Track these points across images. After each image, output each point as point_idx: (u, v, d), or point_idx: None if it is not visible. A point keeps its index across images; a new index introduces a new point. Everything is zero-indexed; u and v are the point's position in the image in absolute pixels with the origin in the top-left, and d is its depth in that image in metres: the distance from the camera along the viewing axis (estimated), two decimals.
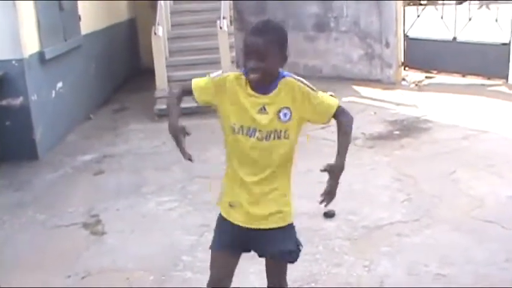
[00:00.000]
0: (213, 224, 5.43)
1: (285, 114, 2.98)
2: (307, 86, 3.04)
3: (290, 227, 3.18)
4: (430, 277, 4.42)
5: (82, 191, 6.73)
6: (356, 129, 8.32)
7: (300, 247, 3.22)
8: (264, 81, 2.93)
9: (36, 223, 5.90)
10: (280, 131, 2.98)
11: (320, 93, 3.07)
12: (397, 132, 8.26)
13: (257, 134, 2.96)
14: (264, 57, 2.84)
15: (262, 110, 2.95)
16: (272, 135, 2.97)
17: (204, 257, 4.84)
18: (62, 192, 6.71)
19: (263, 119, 2.95)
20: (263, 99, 2.96)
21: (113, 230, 5.60)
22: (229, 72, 3.04)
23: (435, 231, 5.17)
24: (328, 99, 3.10)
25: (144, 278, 4.65)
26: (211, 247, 3.27)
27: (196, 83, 3.13)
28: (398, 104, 9.98)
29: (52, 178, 7.19)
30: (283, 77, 3.00)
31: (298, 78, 3.05)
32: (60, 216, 5.99)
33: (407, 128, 8.45)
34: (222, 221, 3.23)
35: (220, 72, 3.09)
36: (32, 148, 7.74)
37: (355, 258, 4.72)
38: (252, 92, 2.96)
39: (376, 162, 7.05)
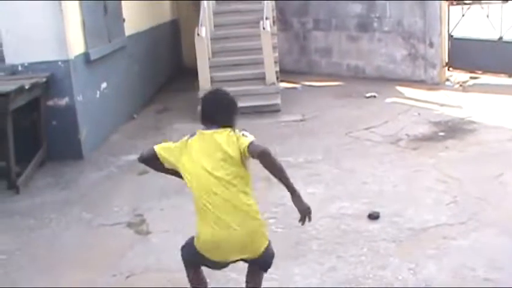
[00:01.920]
0: None
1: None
2: None
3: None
4: (477, 281, 4.34)
5: (126, 191, 6.79)
6: (400, 131, 8.31)
7: None
8: None
9: (82, 222, 5.98)
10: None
11: None
12: (441, 134, 8.15)
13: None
14: None
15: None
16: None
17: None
18: (106, 192, 6.79)
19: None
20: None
21: (157, 230, 5.64)
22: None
23: (482, 234, 5.08)
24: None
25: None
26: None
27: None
28: (442, 105, 9.85)
29: (97, 177, 7.28)
30: None
31: None
32: (105, 215, 6.06)
33: (452, 129, 8.33)
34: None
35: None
36: (77, 147, 7.86)
37: (401, 261, 4.67)
38: None
39: (421, 163, 6.96)
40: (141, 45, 11.41)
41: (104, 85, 8.97)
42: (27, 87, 6.97)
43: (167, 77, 13.72)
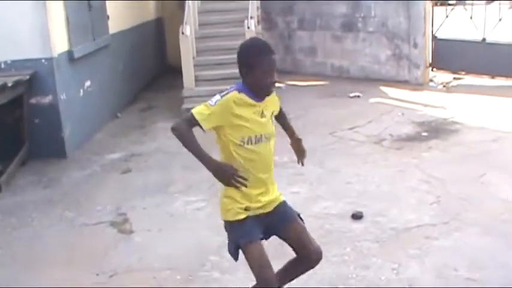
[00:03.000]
0: None
1: (272, 117, 3.56)
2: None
3: (285, 203, 3.64)
4: (460, 281, 4.36)
5: (110, 190, 6.77)
6: (383, 131, 8.34)
7: None
8: None
9: (65, 221, 5.95)
10: (272, 133, 3.49)
11: None
12: (425, 134, 8.19)
13: (263, 138, 3.40)
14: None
15: (261, 115, 3.40)
16: (270, 136, 3.46)
17: (231, 257, 4.85)
18: (89, 191, 6.76)
19: (265, 123, 3.42)
20: (261, 105, 3.41)
21: (140, 229, 5.62)
22: (230, 93, 3.37)
23: (465, 234, 5.11)
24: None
25: (172, 278, 4.66)
26: (242, 245, 3.41)
27: (199, 113, 3.34)
28: (426, 105, 9.89)
29: (80, 176, 7.25)
30: None
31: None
32: (88, 215, 6.03)
33: (435, 130, 8.37)
34: (240, 221, 3.45)
35: (218, 96, 3.37)
36: (60, 146, 7.82)
37: (383, 261, 4.69)
38: (254, 102, 3.37)
39: (404, 164, 6.98)
40: (125, 43, 11.37)
41: (87, 83, 8.93)
42: (9, 84, 6.92)
43: (151, 75, 13.69)
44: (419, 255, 4.77)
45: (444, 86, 11.36)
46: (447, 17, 11.79)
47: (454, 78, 11.74)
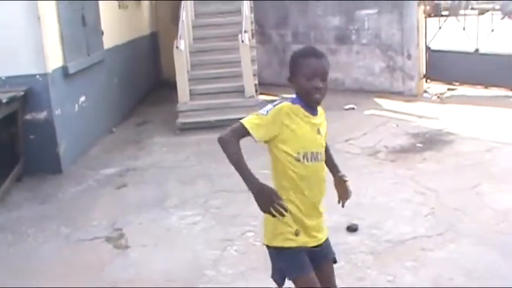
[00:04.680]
0: (236, 239, 5.49)
1: (325, 136, 3.30)
2: None
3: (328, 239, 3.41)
4: None
5: (105, 205, 6.77)
6: (378, 142, 8.36)
7: None
8: (321, 102, 3.18)
9: (60, 236, 5.94)
10: (323, 152, 3.27)
11: None
12: (419, 145, 8.22)
13: (319, 156, 3.19)
14: (326, 77, 3.12)
15: (318, 132, 3.20)
16: (323, 156, 3.25)
17: (227, 272, 4.87)
18: (85, 206, 6.75)
19: (320, 141, 3.21)
20: (315, 120, 3.19)
21: (136, 244, 5.61)
22: (282, 103, 3.12)
23: (460, 245, 5.12)
24: None
25: None
26: (303, 274, 3.19)
27: (250, 122, 3.07)
28: (420, 117, 9.92)
29: (75, 191, 7.24)
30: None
31: None
32: (83, 230, 6.02)
33: (429, 141, 8.40)
34: (291, 250, 3.19)
35: (270, 106, 3.10)
36: (55, 162, 7.81)
37: (379, 273, 4.69)
38: (309, 115, 3.15)
39: (399, 175, 7.00)
40: (120, 59, 11.40)
41: (82, 99, 8.94)
42: (4, 101, 6.92)
43: (146, 90, 13.72)
44: (414, 267, 4.78)
45: (438, 97, 11.41)
46: (440, 28, 11.85)
47: (448, 89, 11.81)
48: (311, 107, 3.15)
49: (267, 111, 3.07)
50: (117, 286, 4.81)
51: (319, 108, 3.23)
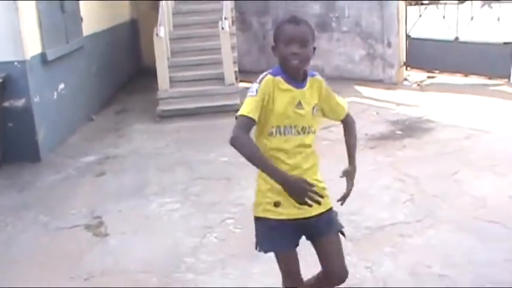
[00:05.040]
0: (216, 226, 5.49)
1: (315, 110, 3.18)
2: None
3: (332, 211, 3.33)
4: (433, 278, 4.41)
5: (84, 193, 6.73)
6: (358, 130, 8.28)
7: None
8: (302, 69, 3.11)
9: (39, 225, 5.90)
10: (310, 126, 3.16)
11: (336, 95, 3.33)
12: (399, 133, 8.26)
13: (293, 130, 3.10)
14: (305, 43, 3.05)
15: (299, 105, 3.10)
16: (306, 130, 3.14)
17: (206, 259, 4.87)
18: (64, 194, 6.71)
19: (300, 115, 3.10)
20: (298, 93, 3.10)
21: (115, 232, 5.60)
22: (265, 77, 3.07)
23: (438, 231, 5.16)
24: (342, 101, 3.38)
25: (147, 280, 4.64)
26: (272, 250, 3.24)
27: (249, 110, 3.00)
28: (400, 104, 9.97)
29: (54, 180, 7.19)
30: (313, 75, 3.21)
31: (322, 77, 3.26)
32: (62, 218, 5.99)
33: (409, 128, 8.44)
34: (267, 223, 3.18)
35: (256, 85, 3.05)
36: (34, 149, 7.75)
37: (358, 259, 4.71)
38: (289, 87, 3.08)
39: (378, 162, 7.04)
40: (99, 46, 11.31)
41: (61, 86, 8.87)
42: None
43: (126, 77, 13.63)
44: (393, 253, 4.81)
45: (418, 85, 11.47)
46: (420, 16, 11.92)
47: (428, 77, 11.88)
48: (294, 79, 3.09)
49: (256, 90, 3.03)
50: (95, 275, 4.80)
51: (314, 80, 3.18)
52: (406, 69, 12.11)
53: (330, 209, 3.30)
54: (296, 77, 3.11)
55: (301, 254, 3.32)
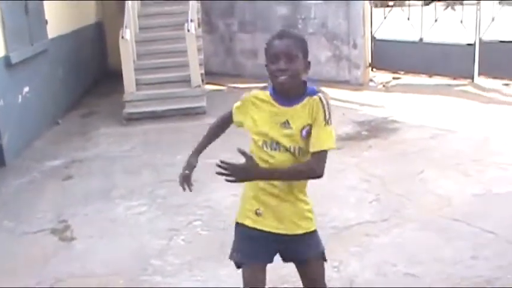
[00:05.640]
0: (182, 228, 5.49)
1: (306, 131, 2.91)
2: (328, 112, 2.93)
3: (315, 234, 3.23)
4: (399, 276, 4.45)
5: (50, 197, 6.67)
6: None
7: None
8: (290, 86, 2.91)
9: (4, 230, 5.83)
10: (300, 148, 2.93)
11: (330, 127, 2.94)
12: (365, 133, 8.33)
13: (281, 148, 2.94)
14: (292, 58, 2.88)
15: (286, 124, 2.92)
16: (296, 151, 2.93)
17: (173, 261, 4.87)
18: (29, 198, 6.64)
19: (285, 135, 2.92)
20: (285, 111, 2.93)
21: (81, 236, 5.55)
22: (255, 90, 3.06)
23: (403, 230, 5.21)
24: (331, 138, 2.94)
25: (114, 283, 4.62)
26: (240, 260, 3.14)
27: (234, 107, 3.16)
28: (366, 105, 10.06)
29: (19, 184, 7.11)
30: (314, 93, 2.97)
31: (324, 101, 2.95)
32: (28, 223, 5.92)
33: (375, 129, 8.52)
34: (244, 230, 3.12)
35: (252, 92, 3.08)
36: None
37: None
38: (275, 104, 2.96)
39: (344, 163, 7.07)
40: (64, 48, 11.21)
41: (26, 89, 8.77)
42: None
43: (92, 80, 13.53)
44: (359, 253, 4.85)
45: (384, 86, 11.57)
46: (385, 18, 12.02)
47: (393, 78, 11.99)
48: (282, 96, 2.95)
49: (244, 96, 3.09)
50: (62, 279, 4.76)
51: (311, 99, 2.94)
52: (372, 70, 12.21)
53: (314, 232, 3.19)
54: (286, 94, 2.95)
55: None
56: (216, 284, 4.48)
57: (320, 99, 2.94)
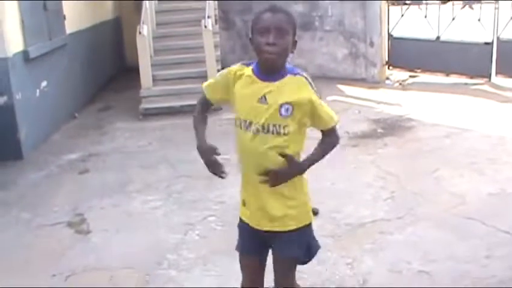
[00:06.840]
0: (197, 223, 5.53)
1: (286, 109, 2.84)
2: (315, 91, 2.92)
3: (300, 231, 3.07)
4: (412, 274, 4.46)
5: (67, 190, 6.72)
6: (340, 128, 8.28)
7: (313, 250, 3.21)
8: (277, 62, 2.83)
9: (21, 222, 5.89)
10: (279, 126, 2.85)
11: (323, 103, 2.98)
12: (380, 131, 8.32)
13: (252, 127, 2.86)
14: (283, 33, 2.79)
15: (262, 100, 2.84)
16: (270, 129, 2.86)
17: (187, 256, 4.90)
18: (46, 192, 6.70)
19: (260, 111, 2.84)
20: (265, 86, 2.86)
21: (97, 229, 5.60)
22: (236, 64, 3.00)
23: (418, 228, 5.21)
24: (330, 112, 3.04)
25: (129, 277, 4.66)
26: (238, 251, 3.24)
27: (206, 85, 3.13)
28: (382, 103, 10.03)
29: (37, 177, 7.18)
30: (296, 73, 2.92)
31: (309, 80, 2.92)
32: (44, 216, 5.98)
33: (390, 127, 8.50)
34: (240, 222, 3.19)
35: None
36: (16, 147, 7.72)
37: (339, 256, 4.75)
38: (256, 79, 2.88)
39: (360, 160, 7.09)
40: (82, 43, 11.29)
41: (44, 83, 8.85)
42: None
43: (109, 75, 13.61)
44: (373, 250, 4.86)
45: (400, 84, 11.54)
46: (402, 16, 11.98)
47: (410, 76, 11.95)
48: (266, 71, 2.87)
49: (221, 73, 3.05)
50: (78, 271, 4.80)
51: (294, 78, 2.89)
52: (388, 68, 12.18)
53: (290, 234, 3.03)
54: (270, 70, 2.86)
55: None
56: (230, 278, 4.50)
57: (306, 78, 2.90)
